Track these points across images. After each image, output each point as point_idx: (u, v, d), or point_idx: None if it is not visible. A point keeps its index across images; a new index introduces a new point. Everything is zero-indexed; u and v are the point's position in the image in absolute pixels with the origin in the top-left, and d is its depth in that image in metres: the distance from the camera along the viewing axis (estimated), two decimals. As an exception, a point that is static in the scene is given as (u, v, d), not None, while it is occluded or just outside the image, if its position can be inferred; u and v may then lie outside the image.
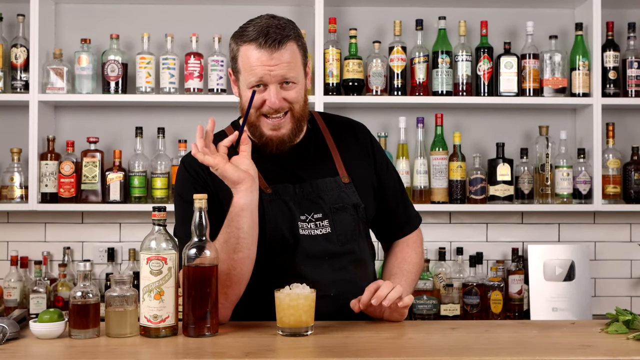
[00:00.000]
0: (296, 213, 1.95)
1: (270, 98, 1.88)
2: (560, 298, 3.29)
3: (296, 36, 1.92)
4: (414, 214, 2.18)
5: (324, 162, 2.02)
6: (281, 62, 1.87)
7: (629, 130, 3.50)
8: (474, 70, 3.32)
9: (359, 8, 3.47)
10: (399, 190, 2.15)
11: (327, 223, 1.96)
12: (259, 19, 1.92)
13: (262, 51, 1.86)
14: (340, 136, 2.07)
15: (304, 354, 1.61)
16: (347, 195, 1.99)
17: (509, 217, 3.49)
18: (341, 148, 2.05)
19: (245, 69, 1.90)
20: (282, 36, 1.87)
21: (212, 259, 1.75)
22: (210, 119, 1.88)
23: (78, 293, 1.73)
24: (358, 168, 2.04)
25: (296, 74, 1.91)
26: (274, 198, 1.96)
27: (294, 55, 1.90)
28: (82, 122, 3.40)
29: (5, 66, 3.26)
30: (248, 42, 1.88)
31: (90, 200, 3.22)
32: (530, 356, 1.57)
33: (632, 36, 3.40)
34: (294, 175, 1.99)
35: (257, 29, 1.88)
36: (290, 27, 1.91)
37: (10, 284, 3.21)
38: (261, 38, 1.86)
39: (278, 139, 1.94)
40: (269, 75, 1.87)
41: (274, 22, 1.89)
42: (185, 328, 1.74)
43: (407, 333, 1.80)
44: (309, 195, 1.97)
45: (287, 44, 1.88)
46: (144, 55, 3.26)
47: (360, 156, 2.07)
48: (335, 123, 2.11)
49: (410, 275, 2.07)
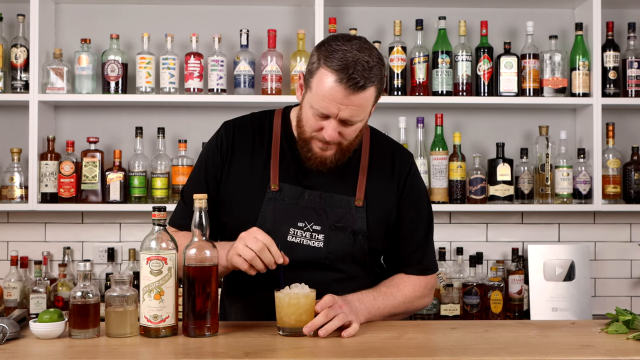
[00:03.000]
0: (294, 218, 1.94)
1: (327, 130, 1.86)
2: (560, 298, 3.29)
3: (379, 80, 1.84)
4: (426, 261, 2.06)
5: (347, 179, 1.98)
6: (353, 106, 1.81)
7: (629, 130, 3.50)
8: (474, 70, 3.32)
9: (359, 8, 3.47)
10: (418, 231, 2.05)
11: (323, 238, 1.94)
12: (350, 47, 1.81)
13: (339, 87, 1.79)
14: (377, 158, 2.03)
15: (304, 354, 1.61)
16: (353, 218, 1.96)
17: (509, 217, 3.49)
18: (372, 170, 2.00)
19: (317, 93, 1.83)
20: (366, 80, 1.80)
21: (212, 259, 1.75)
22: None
23: (78, 293, 1.73)
24: (379, 195, 1.99)
25: (362, 116, 1.87)
26: (275, 197, 1.95)
27: (369, 99, 1.84)
28: (82, 122, 3.40)
29: (5, 66, 3.26)
30: (330, 70, 1.80)
31: (90, 200, 3.22)
32: (530, 356, 1.57)
33: (632, 36, 3.40)
34: (311, 181, 1.97)
35: (344, 61, 1.78)
36: (377, 68, 1.82)
37: (10, 284, 3.21)
38: (344, 74, 1.78)
39: (322, 159, 1.93)
40: (336, 114, 1.83)
41: (363, 58, 1.79)
42: (185, 328, 1.74)
43: (407, 333, 1.80)
44: (315, 205, 1.95)
45: (367, 89, 1.81)
46: (144, 55, 3.26)
47: (388, 184, 2.01)
48: (379, 143, 2.06)
49: (389, 299, 1.95)
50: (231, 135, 2.02)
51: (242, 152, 2.01)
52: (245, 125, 2.05)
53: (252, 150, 2.01)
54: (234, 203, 1.98)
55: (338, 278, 1.96)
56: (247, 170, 1.99)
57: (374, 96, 1.86)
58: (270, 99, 3.22)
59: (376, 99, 1.89)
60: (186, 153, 3.28)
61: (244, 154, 2.00)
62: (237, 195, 1.98)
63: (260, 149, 2.00)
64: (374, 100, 1.88)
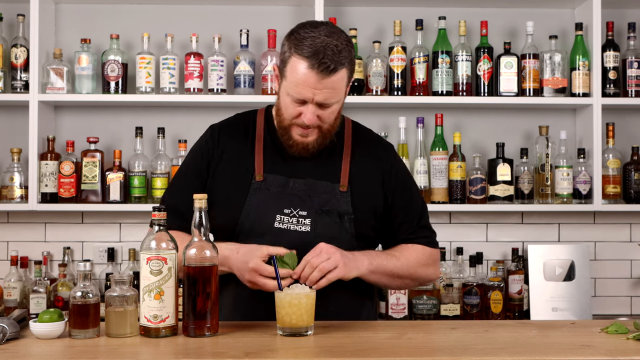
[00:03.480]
0: (280, 205, 1.98)
1: (306, 115, 1.92)
2: (560, 298, 3.29)
3: (349, 61, 1.90)
4: (430, 238, 2.11)
5: (330, 167, 2.03)
6: (327, 88, 1.88)
7: (629, 130, 3.50)
8: (474, 70, 3.32)
9: (359, 8, 3.47)
10: (414, 215, 2.09)
11: (309, 222, 1.98)
12: (318, 33, 1.88)
13: (312, 72, 1.86)
14: (360, 148, 2.08)
15: (304, 354, 1.61)
16: (338, 202, 2.00)
17: (509, 217, 3.49)
18: (355, 158, 2.05)
19: (291, 81, 1.90)
20: (336, 63, 1.86)
21: (212, 259, 1.76)
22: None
23: (78, 293, 1.73)
24: (362, 181, 2.04)
25: (337, 98, 1.93)
26: (260, 187, 2.00)
27: (341, 81, 1.91)
28: (82, 122, 3.40)
29: (5, 66, 3.26)
30: (301, 57, 1.87)
31: (90, 200, 3.22)
32: (530, 356, 1.57)
33: (632, 36, 3.40)
34: (294, 170, 2.01)
35: (313, 47, 1.85)
36: (346, 50, 1.89)
37: (10, 284, 3.21)
38: (314, 59, 1.85)
39: (304, 145, 1.98)
40: (312, 98, 1.89)
41: (332, 43, 1.86)
42: (185, 328, 1.74)
43: (407, 333, 1.80)
44: (300, 192, 2.00)
45: (338, 71, 1.88)
46: (144, 55, 3.26)
47: (372, 171, 2.06)
48: (361, 134, 2.12)
49: (391, 259, 2.00)
50: (217, 137, 2.09)
51: (228, 151, 2.07)
52: (230, 126, 2.13)
53: (238, 148, 2.07)
54: (222, 199, 2.01)
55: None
56: (233, 167, 2.05)
57: (347, 77, 1.93)
58: (270, 99, 3.21)
59: (349, 80, 1.95)
60: (186, 153, 3.27)
61: (230, 153, 2.06)
62: (225, 191, 2.03)
63: (245, 145, 2.06)
64: (347, 81, 1.95)
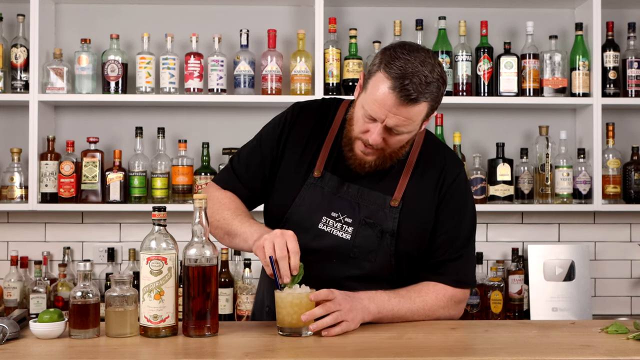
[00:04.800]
0: (329, 207, 1.95)
1: (372, 134, 1.86)
2: (560, 298, 3.29)
3: (433, 97, 1.82)
4: (460, 273, 1.99)
5: (389, 179, 1.97)
6: (401, 116, 1.81)
7: (629, 130, 3.50)
8: (474, 70, 3.32)
9: (359, 8, 3.47)
10: (458, 241, 1.99)
11: (352, 231, 1.94)
12: (413, 57, 1.80)
13: (392, 95, 1.79)
14: (425, 161, 2.00)
15: (304, 354, 1.61)
16: (385, 217, 1.94)
17: (509, 217, 3.49)
18: (416, 173, 1.98)
19: (370, 96, 1.83)
20: (419, 94, 1.79)
21: (212, 259, 1.75)
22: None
23: (78, 293, 1.73)
24: (418, 198, 1.97)
25: (409, 129, 1.85)
26: (315, 183, 1.97)
27: (419, 115, 1.83)
28: (82, 122, 3.40)
29: (5, 66, 3.26)
30: (387, 76, 1.79)
31: (90, 200, 3.22)
32: (530, 356, 1.57)
33: (632, 36, 3.40)
34: (351, 174, 1.97)
35: (402, 71, 1.78)
36: (434, 85, 1.81)
37: (10, 284, 3.21)
38: (399, 83, 1.77)
39: (361, 161, 1.93)
40: (383, 119, 1.83)
41: (423, 72, 1.78)
42: (185, 328, 1.74)
43: (407, 333, 1.80)
44: (352, 197, 1.96)
45: (419, 104, 1.80)
46: (144, 55, 3.26)
47: (430, 189, 1.98)
48: (432, 147, 2.04)
49: (406, 303, 1.90)
50: (296, 117, 2.05)
51: (300, 135, 2.03)
52: (312, 109, 2.08)
53: (311, 135, 2.03)
54: (280, 182, 2.00)
55: (359, 275, 1.94)
56: (299, 154, 2.01)
57: (426, 112, 1.85)
58: (270, 99, 3.22)
59: (428, 116, 1.87)
60: (186, 153, 3.28)
61: (301, 137, 2.03)
62: (284, 176, 2.01)
63: (318, 135, 2.03)
64: (425, 117, 1.87)
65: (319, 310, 1.74)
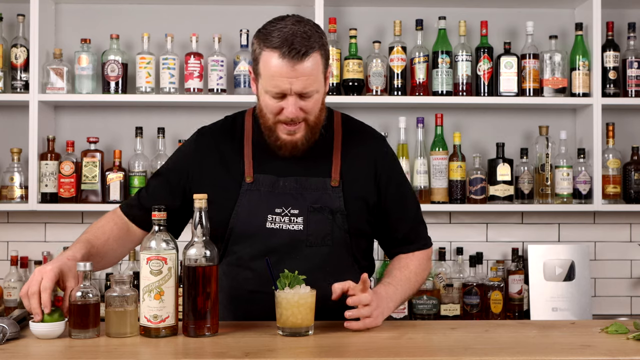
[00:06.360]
0: (271, 205, 1.96)
1: (288, 108, 1.88)
2: (560, 298, 3.29)
3: (320, 45, 1.88)
4: (423, 236, 2.13)
5: (321, 163, 2.01)
6: (302, 75, 1.85)
7: (629, 130, 3.50)
8: (474, 70, 3.32)
9: (359, 8, 3.47)
10: (409, 209, 2.09)
11: (301, 221, 1.95)
12: (284, 23, 1.87)
13: (284, 61, 1.83)
14: (351, 141, 2.05)
15: (304, 354, 1.61)
16: (330, 198, 1.97)
17: (509, 217, 3.49)
18: (345, 152, 2.02)
19: (266, 76, 1.87)
20: (307, 47, 1.84)
21: (212, 259, 1.76)
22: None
23: (78, 293, 1.73)
24: (355, 176, 2.01)
25: (316, 86, 1.89)
26: (250, 188, 1.97)
27: (316, 66, 1.87)
28: (82, 122, 3.40)
29: (5, 66, 3.26)
30: (271, 49, 1.84)
31: (90, 200, 3.22)
32: (530, 356, 1.57)
33: (632, 36, 3.40)
34: (285, 168, 1.99)
35: (281, 36, 1.83)
36: (316, 36, 1.87)
37: (10, 284, 3.21)
38: (285, 47, 1.82)
39: (292, 143, 1.95)
40: (290, 88, 1.86)
41: (299, 30, 1.85)
42: (185, 328, 1.74)
43: (407, 333, 1.80)
44: (292, 190, 1.98)
45: (310, 55, 1.85)
46: (144, 55, 3.26)
47: (364, 166, 2.03)
48: (352, 127, 2.09)
49: (407, 284, 2.02)
50: (204, 141, 2.07)
51: (216, 155, 2.04)
52: (218, 129, 2.10)
53: (226, 151, 2.04)
54: (212, 202, 1.92)
55: (320, 265, 1.94)
56: (223, 171, 2.02)
57: (321, 63, 1.89)
58: (270, 99, 3.22)
59: (325, 67, 1.92)
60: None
61: (218, 156, 2.03)
62: (215, 194, 1.94)
63: (234, 148, 2.04)
64: (323, 68, 1.91)
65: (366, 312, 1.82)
